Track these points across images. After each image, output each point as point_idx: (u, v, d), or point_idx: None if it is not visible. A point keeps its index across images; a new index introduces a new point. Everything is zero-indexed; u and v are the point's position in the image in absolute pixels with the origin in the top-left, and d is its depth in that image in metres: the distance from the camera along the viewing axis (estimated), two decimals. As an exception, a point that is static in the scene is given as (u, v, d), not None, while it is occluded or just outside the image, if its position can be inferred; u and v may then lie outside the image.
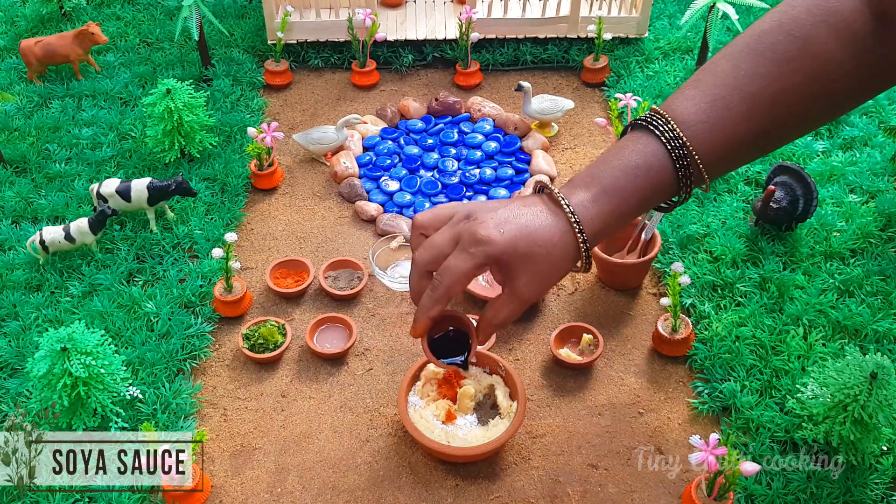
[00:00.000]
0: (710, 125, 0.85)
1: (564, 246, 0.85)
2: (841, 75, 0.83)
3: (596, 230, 0.86)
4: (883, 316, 1.12)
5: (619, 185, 0.86)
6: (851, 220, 1.26)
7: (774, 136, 0.88)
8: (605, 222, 0.86)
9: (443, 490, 0.98)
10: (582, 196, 0.86)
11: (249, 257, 1.27)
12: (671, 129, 0.84)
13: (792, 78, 0.83)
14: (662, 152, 0.84)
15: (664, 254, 1.23)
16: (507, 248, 0.85)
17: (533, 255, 0.85)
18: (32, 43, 1.54)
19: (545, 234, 0.85)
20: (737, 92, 0.85)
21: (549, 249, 0.85)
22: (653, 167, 0.85)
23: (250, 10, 1.74)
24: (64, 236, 1.20)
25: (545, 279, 0.87)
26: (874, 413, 0.91)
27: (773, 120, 0.85)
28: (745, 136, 0.85)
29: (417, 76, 1.64)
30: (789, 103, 0.84)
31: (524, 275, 0.86)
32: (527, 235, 0.85)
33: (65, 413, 0.99)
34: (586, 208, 0.86)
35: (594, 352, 1.11)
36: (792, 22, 0.83)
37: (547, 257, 0.86)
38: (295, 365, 1.13)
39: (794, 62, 0.83)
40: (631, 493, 0.98)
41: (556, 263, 0.86)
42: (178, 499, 0.95)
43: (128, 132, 1.45)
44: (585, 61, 1.60)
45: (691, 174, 0.84)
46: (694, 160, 0.84)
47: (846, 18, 0.81)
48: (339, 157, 1.42)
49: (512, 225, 0.86)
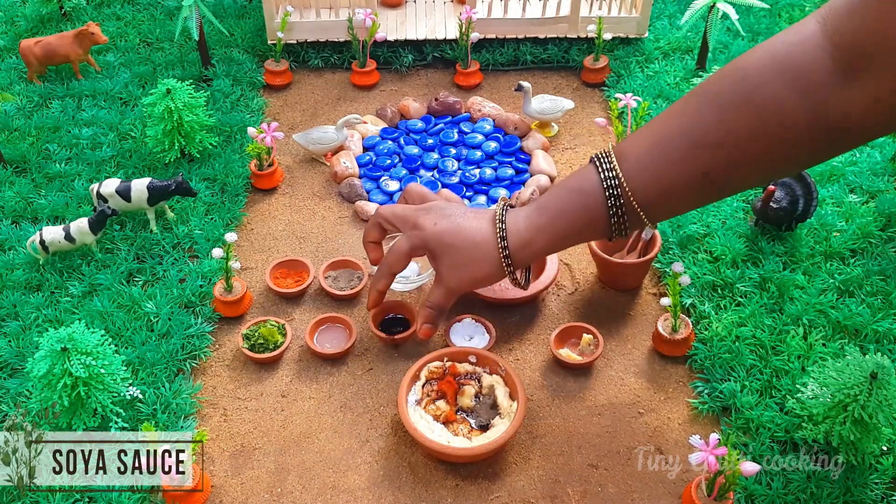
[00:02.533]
0: (645, 164, 0.88)
1: (484, 247, 0.97)
2: (793, 126, 0.80)
3: (522, 241, 0.95)
4: (883, 316, 1.12)
5: (552, 203, 0.95)
6: (851, 220, 1.26)
7: (720, 180, 0.87)
8: (531, 236, 0.95)
9: (443, 490, 0.98)
10: (524, 211, 0.97)
11: (249, 257, 1.27)
12: (609, 163, 0.89)
13: (737, 124, 0.82)
14: (596, 181, 0.90)
15: (664, 254, 1.23)
16: (433, 236, 0.99)
17: (454, 246, 0.98)
18: (32, 43, 1.54)
19: (469, 233, 0.98)
20: (679, 134, 0.86)
21: (468, 246, 0.98)
22: (584, 192, 0.91)
23: (250, 10, 1.74)
24: (64, 236, 1.20)
25: (463, 272, 0.99)
26: (874, 413, 0.91)
27: (714, 164, 0.85)
28: (684, 179, 0.87)
29: (417, 76, 1.64)
30: (733, 149, 0.83)
31: (445, 263, 1.00)
32: (454, 231, 0.99)
33: (65, 413, 0.99)
34: (518, 221, 0.96)
35: (594, 352, 1.11)
36: (745, 69, 0.82)
37: (466, 252, 0.98)
38: (295, 365, 1.13)
39: (741, 108, 0.81)
40: (631, 493, 0.98)
41: (474, 259, 0.98)
42: (178, 499, 0.95)
43: (128, 132, 1.45)
44: (585, 61, 1.60)
45: (622, 206, 0.89)
46: (628, 198, 0.88)
47: (803, 69, 0.78)
48: (339, 157, 1.42)
49: (447, 220, 1.00)
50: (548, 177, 1.38)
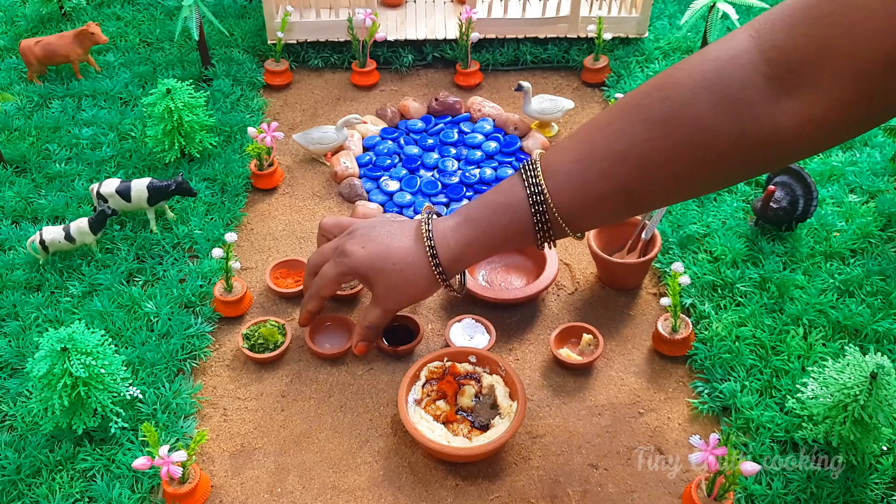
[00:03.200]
0: (570, 177, 0.88)
1: (418, 266, 0.97)
2: (719, 144, 0.78)
3: (452, 255, 0.97)
4: (883, 316, 1.12)
5: (480, 217, 0.96)
6: (851, 220, 1.26)
7: (644, 196, 0.87)
8: (462, 250, 0.96)
9: (443, 490, 0.98)
10: (449, 223, 0.98)
11: (249, 257, 1.27)
12: (534, 177, 0.90)
13: (661, 141, 0.81)
14: (522, 196, 0.91)
15: (664, 254, 1.23)
16: (363, 262, 0.99)
17: (385, 270, 0.99)
18: (32, 43, 1.54)
19: (399, 254, 0.98)
20: (602, 149, 0.86)
21: (401, 267, 0.98)
22: (511, 206, 0.93)
23: (250, 10, 1.74)
24: (64, 236, 1.20)
25: (399, 293, 1.01)
26: (874, 413, 0.91)
27: (639, 179, 0.85)
28: (607, 193, 0.87)
29: (417, 76, 1.64)
30: (658, 165, 0.82)
31: (379, 286, 1.00)
32: (383, 253, 0.99)
33: (65, 413, 0.99)
34: (445, 235, 0.97)
35: (594, 352, 1.11)
36: (672, 86, 0.80)
37: (400, 274, 0.98)
38: (295, 365, 1.13)
39: (666, 126, 0.80)
40: (631, 493, 0.98)
41: (409, 280, 0.98)
42: (178, 498, 0.95)
43: (128, 132, 1.45)
44: (585, 61, 1.60)
45: (547, 219, 0.90)
46: (551, 210, 0.89)
47: (731, 87, 0.76)
48: (339, 157, 1.42)
49: (375, 243, 0.99)
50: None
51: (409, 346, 1.12)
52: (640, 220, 1.20)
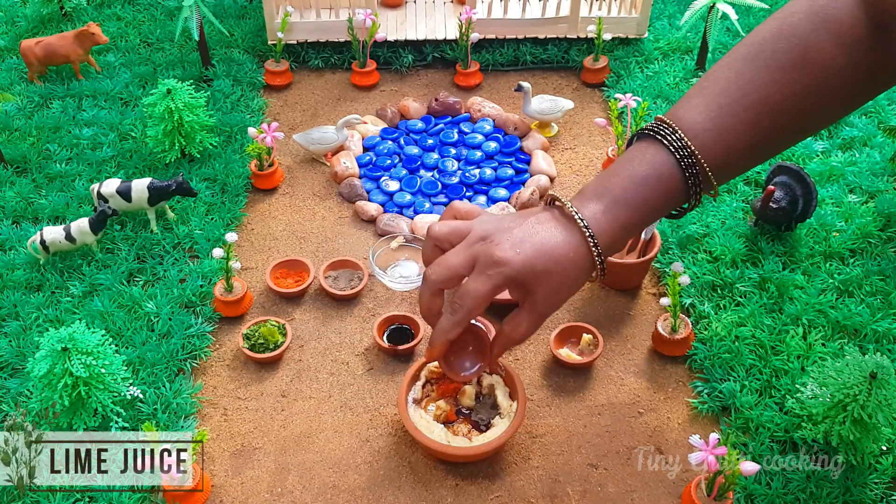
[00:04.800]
0: (716, 133, 0.85)
1: (579, 260, 0.86)
2: (842, 80, 0.83)
3: (609, 241, 0.86)
4: (882, 316, 1.12)
5: (630, 195, 0.86)
6: (851, 220, 1.26)
7: (777, 141, 0.89)
8: (617, 233, 0.87)
9: (443, 490, 0.99)
10: (594, 208, 0.87)
11: (249, 257, 1.28)
12: (679, 139, 0.84)
13: (794, 85, 0.84)
14: (671, 161, 0.84)
15: (664, 254, 1.23)
16: (523, 267, 0.85)
17: (550, 271, 0.85)
18: (33, 43, 1.54)
19: (561, 251, 0.86)
20: (741, 99, 0.85)
21: (565, 265, 0.86)
22: (663, 176, 0.85)
23: (250, 11, 1.74)
24: (64, 236, 1.20)
25: (563, 293, 0.88)
26: (874, 413, 0.91)
27: (777, 126, 0.86)
28: (751, 143, 0.86)
29: (417, 76, 1.64)
30: (793, 110, 0.85)
31: (542, 291, 0.87)
32: (543, 254, 0.85)
33: (65, 413, 0.99)
34: (598, 221, 0.86)
35: (594, 352, 1.11)
36: (791, 29, 0.84)
37: (563, 273, 0.86)
38: (295, 365, 1.13)
39: (796, 69, 0.83)
40: (631, 492, 0.98)
41: (573, 277, 0.86)
42: (178, 498, 0.95)
43: (128, 132, 1.45)
44: (585, 61, 1.60)
45: (700, 182, 0.85)
46: (703, 168, 0.85)
47: (845, 25, 0.82)
48: (340, 157, 1.42)
49: (528, 244, 0.86)
50: (547, 177, 1.38)
51: (409, 346, 1.12)
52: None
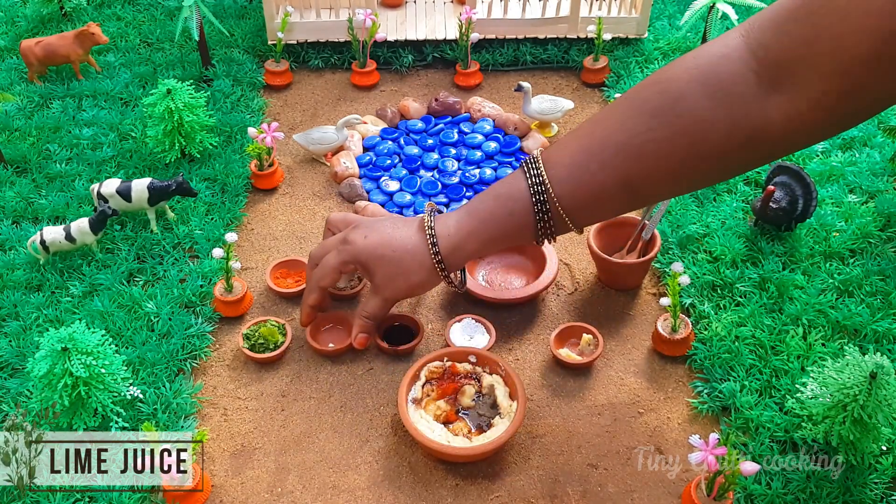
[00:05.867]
0: (571, 169, 0.90)
1: (417, 254, 0.99)
2: (713, 136, 0.82)
3: (452, 245, 0.98)
4: (882, 316, 1.12)
5: (482, 208, 0.97)
6: (851, 220, 1.26)
7: (643, 188, 0.90)
8: (461, 238, 0.98)
9: (443, 490, 0.99)
10: (451, 216, 0.99)
11: (250, 257, 1.28)
12: (536, 168, 0.92)
13: (658, 132, 0.84)
14: (524, 187, 0.93)
15: (664, 254, 1.23)
16: (364, 249, 1.01)
17: (386, 257, 1.00)
18: (33, 43, 1.54)
19: (399, 242, 1.00)
20: (603, 140, 0.88)
21: (401, 255, 1.00)
22: (513, 197, 0.94)
23: (250, 11, 1.74)
24: (64, 236, 1.20)
25: (398, 282, 1.02)
26: (874, 413, 0.91)
27: (638, 170, 0.87)
28: (607, 186, 0.89)
29: (417, 76, 1.64)
30: (656, 156, 0.85)
31: (380, 274, 1.02)
32: (385, 241, 1.01)
33: (65, 413, 0.99)
34: (447, 226, 0.98)
35: (594, 352, 1.11)
36: (668, 80, 0.85)
37: (399, 261, 1.00)
38: (295, 365, 1.13)
39: (663, 117, 0.84)
40: (631, 492, 0.98)
41: (409, 268, 1.00)
42: (178, 498, 0.95)
43: (128, 132, 1.45)
44: (585, 62, 1.60)
45: (549, 212, 0.92)
46: (552, 200, 0.91)
47: (724, 81, 0.81)
48: (339, 157, 1.42)
49: (377, 233, 1.02)
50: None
51: (409, 346, 1.12)
52: (640, 220, 1.21)
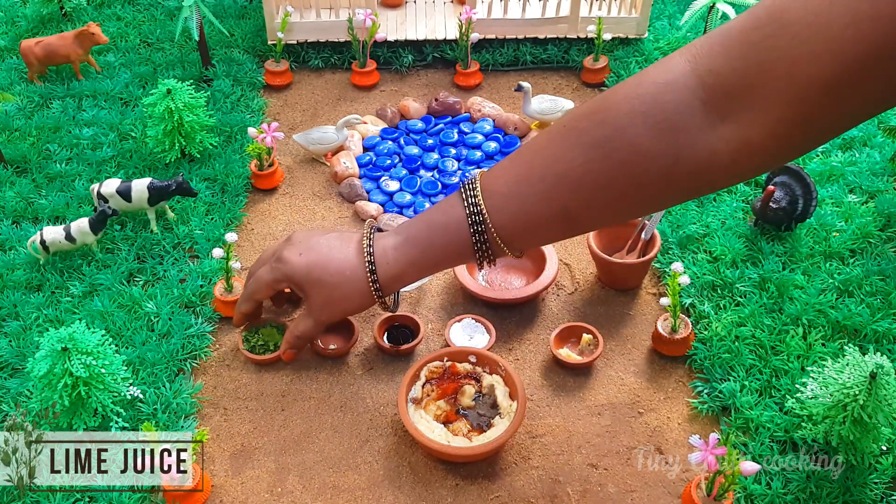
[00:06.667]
0: (508, 199, 0.89)
1: (355, 281, 0.97)
2: (655, 168, 0.78)
3: (391, 274, 0.97)
4: (882, 316, 1.12)
5: (421, 236, 0.96)
6: (851, 220, 1.26)
7: (582, 217, 0.87)
8: (401, 268, 0.97)
9: (443, 490, 0.99)
10: (389, 241, 0.97)
11: (250, 257, 1.28)
12: (474, 196, 0.90)
13: (597, 164, 0.81)
14: (462, 216, 0.91)
15: (664, 254, 1.23)
16: (299, 270, 0.98)
17: (323, 281, 0.98)
18: (33, 43, 1.54)
19: (336, 266, 0.97)
20: (541, 170, 0.86)
21: (339, 280, 0.97)
22: (450, 227, 0.92)
23: (250, 11, 1.74)
24: (64, 236, 1.20)
25: (333, 306, 1.00)
26: (874, 413, 0.91)
27: (576, 201, 0.85)
28: (545, 213, 0.87)
29: (417, 76, 1.64)
30: (594, 188, 0.83)
31: (315, 297, 0.99)
32: (322, 264, 0.97)
33: (65, 413, 0.99)
34: (386, 253, 0.97)
35: (594, 352, 1.11)
36: (608, 110, 0.80)
37: (337, 287, 0.97)
38: (295, 365, 1.13)
39: (602, 149, 0.80)
40: (631, 492, 0.98)
41: (346, 294, 0.98)
42: (178, 498, 0.95)
43: (128, 132, 1.45)
44: (585, 61, 1.60)
45: (486, 239, 0.91)
46: (488, 227, 0.90)
47: (668, 111, 0.76)
48: (339, 158, 1.42)
49: (313, 252, 0.98)
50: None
51: (409, 346, 1.12)
52: (640, 221, 1.21)
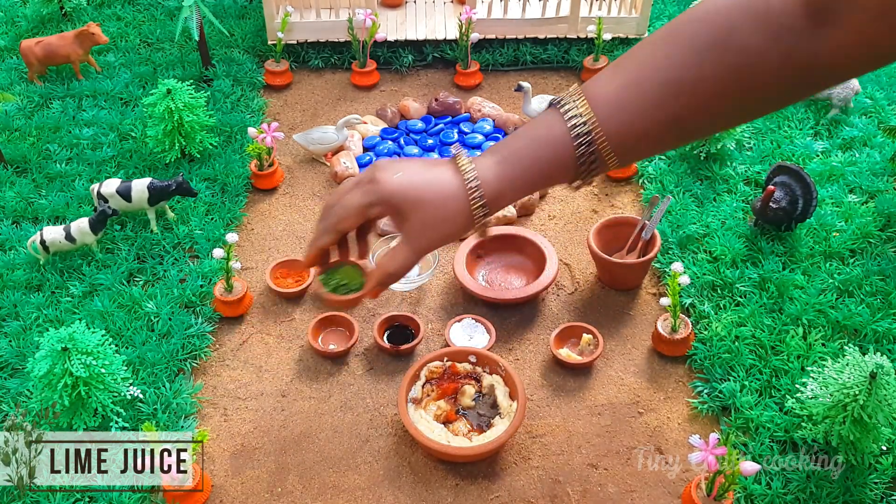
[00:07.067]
0: (620, 106, 0.85)
1: (456, 200, 0.88)
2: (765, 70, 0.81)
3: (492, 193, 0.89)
4: (882, 316, 1.12)
5: (522, 154, 0.89)
6: (851, 220, 1.26)
7: (689, 125, 0.87)
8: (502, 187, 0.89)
9: (443, 490, 0.99)
10: (484, 161, 0.90)
11: (250, 257, 1.28)
12: (578, 106, 0.85)
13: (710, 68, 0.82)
14: (565, 127, 0.85)
15: (664, 254, 1.23)
16: (397, 189, 0.88)
17: (423, 201, 0.88)
18: (33, 43, 1.54)
19: (437, 184, 0.89)
20: (652, 77, 0.84)
21: (441, 200, 0.88)
22: (555, 140, 0.86)
23: (250, 11, 1.74)
24: (64, 236, 1.20)
25: (435, 230, 0.90)
26: (873, 413, 0.91)
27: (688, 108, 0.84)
28: (657, 122, 0.85)
29: (417, 76, 1.64)
30: (706, 93, 0.83)
31: (413, 221, 0.89)
32: (420, 182, 0.89)
33: (65, 413, 0.99)
34: (485, 172, 0.89)
35: (594, 352, 1.11)
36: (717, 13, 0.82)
37: (438, 207, 0.89)
38: (295, 365, 1.13)
39: (714, 52, 0.81)
40: (631, 492, 0.98)
41: (447, 215, 0.89)
42: (178, 498, 0.95)
43: (128, 132, 1.45)
44: (585, 61, 1.60)
45: (593, 151, 0.85)
46: (598, 137, 0.85)
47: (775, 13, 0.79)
48: (339, 158, 1.42)
49: (409, 172, 0.90)
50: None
51: (410, 346, 1.12)
52: (640, 220, 1.21)
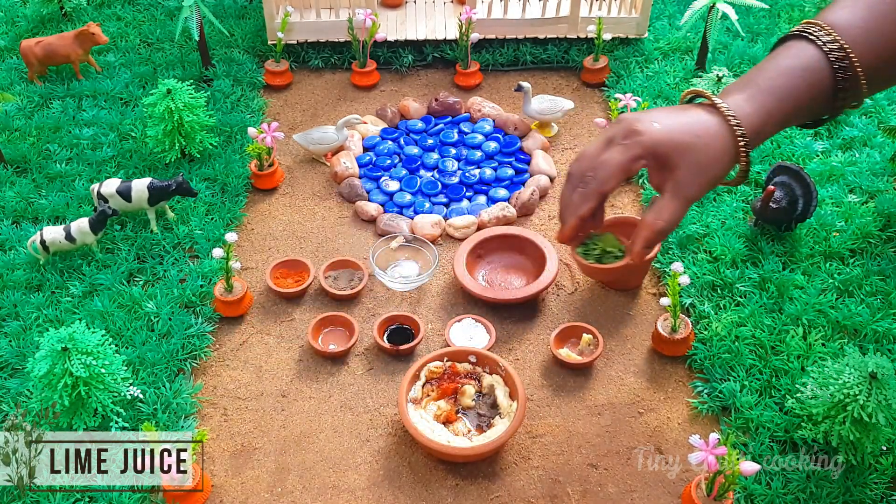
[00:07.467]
0: (867, 31, 0.83)
1: (723, 138, 0.83)
2: None
3: (753, 127, 0.84)
4: (882, 316, 1.12)
5: (776, 84, 0.85)
6: (851, 220, 1.26)
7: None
8: (763, 119, 0.85)
9: (443, 490, 0.99)
10: (736, 97, 0.85)
11: (249, 257, 1.28)
12: (828, 34, 0.83)
13: None
14: (819, 54, 0.83)
15: (664, 254, 1.23)
16: (662, 137, 0.82)
17: (691, 144, 0.83)
18: (33, 43, 1.54)
19: (701, 126, 0.83)
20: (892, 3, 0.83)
21: (707, 140, 0.83)
22: (809, 67, 0.83)
23: (250, 11, 1.74)
24: (64, 236, 1.20)
25: (706, 172, 0.84)
26: (874, 413, 0.91)
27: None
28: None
29: (417, 76, 1.64)
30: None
31: (684, 167, 0.83)
32: (683, 127, 0.83)
33: (65, 413, 0.99)
34: (741, 107, 0.84)
35: (594, 352, 1.11)
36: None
37: (706, 148, 0.83)
38: (295, 365, 1.13)
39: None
40: (631, 492, 0.98)
41: (716, 156, 0.83)
42: (178, 498, 0.95)
43: (128, 132, 1.45)
44: (585, 62, 1.60)
45: (849, 78, 0.83)
46: (853, 64, 0.83)
47: None
48: (339, 158, 1.42)
49: (667, 119, 0.84)
50: (548, 177, 1.38)
51: (410, 346, 1.12)
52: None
